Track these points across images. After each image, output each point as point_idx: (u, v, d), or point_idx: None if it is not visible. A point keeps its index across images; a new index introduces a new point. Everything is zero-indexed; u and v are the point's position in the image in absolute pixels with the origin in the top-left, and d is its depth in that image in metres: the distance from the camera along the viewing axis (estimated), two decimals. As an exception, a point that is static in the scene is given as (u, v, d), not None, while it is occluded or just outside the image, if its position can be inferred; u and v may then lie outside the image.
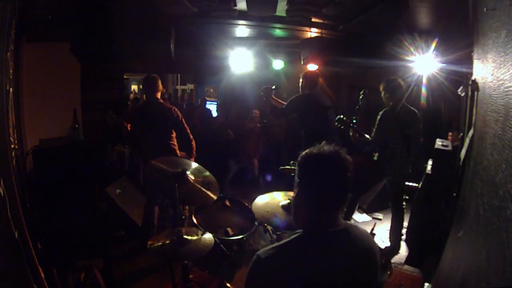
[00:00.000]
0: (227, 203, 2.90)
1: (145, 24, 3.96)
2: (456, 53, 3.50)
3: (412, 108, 3.61)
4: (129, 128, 3.75)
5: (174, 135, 3.66)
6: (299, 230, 1.19)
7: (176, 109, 3.63)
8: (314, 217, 1.19)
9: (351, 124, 3.57)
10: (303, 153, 1.22)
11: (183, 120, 3.64)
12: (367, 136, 3.60)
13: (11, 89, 1.98)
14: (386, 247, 3.70)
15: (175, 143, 3.67)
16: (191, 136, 3.69)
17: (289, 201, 2.10)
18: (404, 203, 3.69)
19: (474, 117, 2.28)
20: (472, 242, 1.70)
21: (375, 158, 3.64)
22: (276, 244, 1.17)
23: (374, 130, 3.61)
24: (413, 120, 3.56)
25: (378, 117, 3.60)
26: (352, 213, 3.97)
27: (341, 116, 3.59)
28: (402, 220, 3.71)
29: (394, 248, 3.68)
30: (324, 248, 1.13)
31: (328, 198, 1.18)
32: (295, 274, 1.08)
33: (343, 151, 1.20)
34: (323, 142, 1.23)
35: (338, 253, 1.14)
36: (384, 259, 2.41)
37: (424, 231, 3.49)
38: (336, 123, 3.62)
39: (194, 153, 3.71)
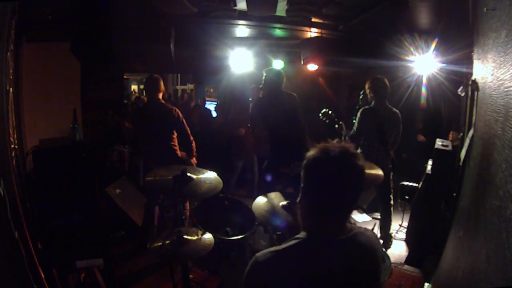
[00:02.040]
0: (227, 203, 2.91)
1: (145, 24, 3.97)
2: (456, 53, 3.51)
3: (394, 109, 3.66)
4: (129, 127, 3.75)
5: (174, 135, 3.67)
6: (300, 235, 1.15)
7: (177, 110, 3.63)
8: (317, 224, 1.14)
9: (336, 119, 3.58)
10: (308, 154, 1.13)
11: (184, 121, 3.64)
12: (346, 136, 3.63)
13: (11, 89, 1.98)
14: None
15: (176, 144, 3.67)
16: (192, 138, 3.69)
17: (289, 201, 2.10)
18: (391, 202, 3.75)
19: (474, 117, 2.28)
20: (472, 242, 1.70)
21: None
22: (276, 247, 1.13)
23: (353, 127, 3.65)
24: (392, 121, 3.62)
25: (358, 114, 3.63)
26: None
27: (327, 110, 3.59)
28: (390, 218, 3.78)
29: (385, 245, 3.73)
30: (325, 256, 1.10)
31: (333, 205, 1.11)
32: (293, 280, 1.06)
33: (355, 151, 1.11)
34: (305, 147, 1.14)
35: (340, 263, 1.10)
36: (384, 259, 2.42)
37: (424, 231, 3.50)
38: (320, 116, 3.62)
39: (194, 153, 3.71)
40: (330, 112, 3.59)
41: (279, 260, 1.09)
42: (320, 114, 3.63)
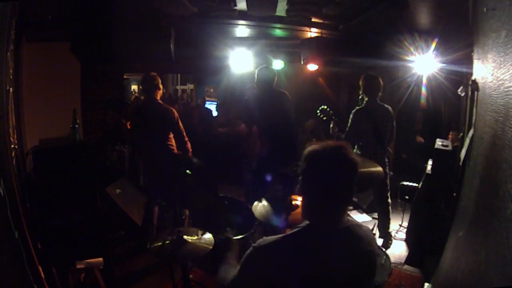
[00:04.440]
0: (227, 203, 2.91)
1: (145, 24, 3.96)
2: (456, 53, 3.50)
3: (386, 106, 3.66)
4: (128, 126, 3.75)
5: (171, 135, 3.66)
6: (299, 225, 1.19)
7: (173, 110, 3.61)
8: (316, 215, 1.19)
9: (333, 117, 3.58)
10: (308, 149, 1.21)
11: (179, 121, 3.62)
12: (342, 135, 3.63)
13: (11, 89, 1.97)
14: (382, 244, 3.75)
15: (173, 143, 3.66)
16: (186, 138, 3.66)
17: (289, 201, 2.10)
18: (389, 200, 3.75)
19: (474, 117, 2.28)
20: (472, 242, 1.70)
21: None
22: (275, 236, 1.17)
23: (347, 127, 3.65)
24: (386, 118, 3.63)
25: (351, 114, 3.64)
26: None
27: (325, 107, 3.59)
28: (388, 216, 3.78)
29: (385, 244, 3.73)
30: (323, 245, 1.13)
31: (331, 198, 1.17)
32: (291, 267, 1.09)
33: (349, 149, 1.19)
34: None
35: (337, 251, 1.14)
36: (384, 259, 2.42)
37: (424, 231, 3.50)
38: (318, 113, 3.62)
39: (190, 153, 3.69)
40: (328, 109, 3.59)
41: (279, 247, 1.13)
42: (318, 111, 3.63)
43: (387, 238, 3.78)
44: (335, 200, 1.18)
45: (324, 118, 3.60)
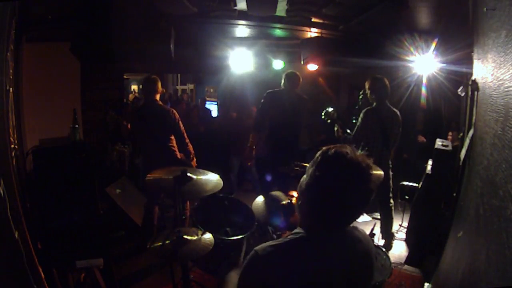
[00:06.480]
0: (227, 203, 2.91)
1: (145, 24, 3.96)
2: (456, 53, 3.51)
3: (394, 108, 3.67)
4: (129, 127, 3.76)
5: (173, 137, 3.66)
6: (298, 230, 1.16)
7: (174, 111, 3.63)
8: (319, 223, 1.13)
9: (338, 120, 3.59)
10: (325, 148, 1.12)
11: (180, 122, 3.63)
12: (348, 131, 3.65)
13: (11, 89, 1.97)
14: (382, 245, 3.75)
15: (174, 145, 3.66)
16: (187, 140, 3.67)
17: (289, 201, 2.10)
18: (391, 201, 3.74)
19: (474, 117, 2.28)
20: (472, 242, 1.70)
21: None
22: (275, 242, 1.13)
23: (356, 127, 3.65)
24: (394, 121, 3.63)
25: (361, 115, 3.64)
26: None
27: (329, 110, 3.61)
28: (391, 217, 3.77)
29: (387, 245, 3.73)
30: (324, 250, 1.11)
31: (338, 208, 1.10)
32: (291, 275, 1.07)
33: (371, 162, 1.11)
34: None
35: (337, 256, 1.12)
36: (384, 259, 2.42)
37: (424, 231, 3.50)
38: (322, 116, 3.64)
39: (192, 155, 3.69)
40: (332, 111, 3.60)
41: (279, 256, 1.09)
42: (323, 114, 3.64)
43: (389, 239, 3.78)
44: (341, 213, 1.11)
45: (329, 121, 3.61)
